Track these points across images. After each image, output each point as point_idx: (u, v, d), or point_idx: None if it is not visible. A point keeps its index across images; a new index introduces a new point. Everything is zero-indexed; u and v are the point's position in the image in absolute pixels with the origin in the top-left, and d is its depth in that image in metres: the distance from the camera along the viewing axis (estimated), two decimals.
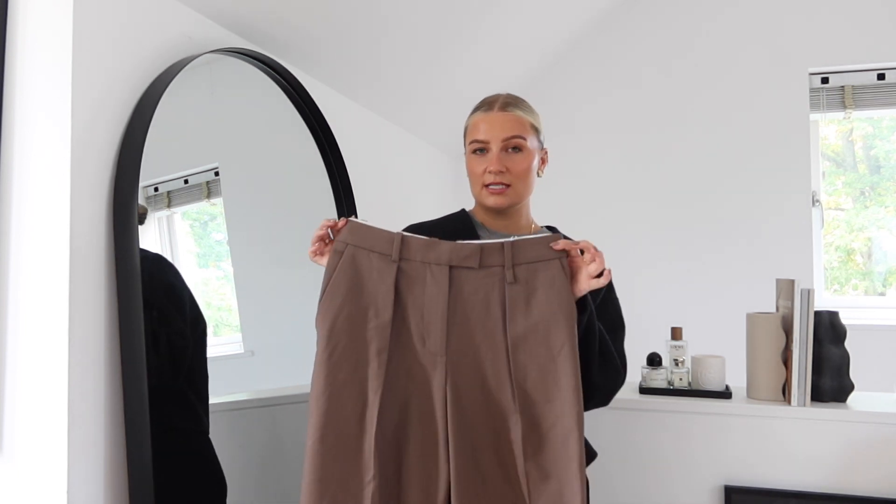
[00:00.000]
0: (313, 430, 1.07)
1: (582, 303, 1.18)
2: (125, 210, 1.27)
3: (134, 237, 1.27)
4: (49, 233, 1.20)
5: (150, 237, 1.62)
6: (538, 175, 1.37)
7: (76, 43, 1.22)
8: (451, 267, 1.13)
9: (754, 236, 2.87)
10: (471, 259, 1.13)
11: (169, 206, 1.63)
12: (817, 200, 2.89)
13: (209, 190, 1.71)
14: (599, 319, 1.27)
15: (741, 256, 2.89)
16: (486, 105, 1.34)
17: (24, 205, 1.23)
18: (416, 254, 1.14)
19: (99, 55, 1.27)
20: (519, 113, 1.32)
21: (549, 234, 1.18)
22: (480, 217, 1.40)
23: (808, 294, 1.61)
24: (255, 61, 1.68)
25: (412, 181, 2.80)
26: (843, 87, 2.85)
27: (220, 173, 1.72)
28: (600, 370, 1.24)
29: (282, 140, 1.90)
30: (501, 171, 1.29)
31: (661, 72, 3.04)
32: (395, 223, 2.48)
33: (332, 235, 1.18)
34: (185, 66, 1.41)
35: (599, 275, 1.14)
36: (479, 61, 2.69)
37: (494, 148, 1.30)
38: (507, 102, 1.33)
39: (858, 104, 2.84)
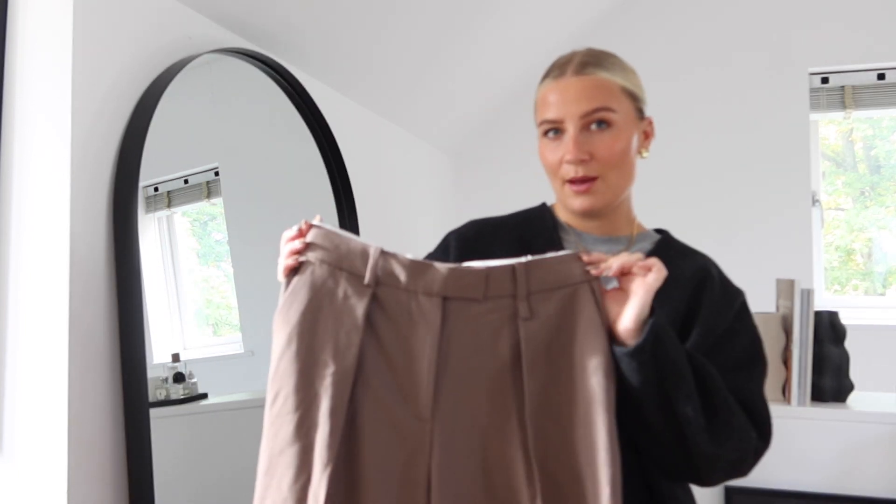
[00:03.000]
0: (255, 495, 0.82)
1: (646, 335, 0.81)
2: (125, 210, 1.27)
3: (134, 237, 1.27)
4: (49, 233, 1.20)
5: (150, 237, 1.63)
6: (640, 155, 1.03)
7: (76, 43, 1.21)
8: (444, 298, 0.82)
9: (754, 236, 2.87)
10: (473, 288, 0.82)
11: (169, 206, 1.64)
12: (817, 200, 2.89)
13: (209, 190, 1.71)
14: (718, 357, 0.91)
15: (741, 256, 2.88)
16: (557, 69, 0.98)
17: (24, 205, 1.23)
18: (400, 278, 0.83)
19: (99, 55, 1.27)
20: (603, 75, 0.96)
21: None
22: (564, 215, 1.05)
23: (808, 294, 1.61)
24: (255, 61, 1.68)
25: (412, 181, 2.80)
26: (843, 87, 2.84)
27: (220, 173, 1.72)
28: (707, 432, 0.83)
29: (281, 140, 1.90)
30: (584, 160, 0.94)
31: (660, 72, 3.04)
32: (395, 223, 2.49)
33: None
34: (185, 66, 1.41)
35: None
36: (479, 62, 2.69)
37: (571, 128, 0.94)
38: (585, 62, 0.96)
39: (858, 104, 2.83)
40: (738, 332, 0.95)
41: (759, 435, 0.90)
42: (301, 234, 0.86)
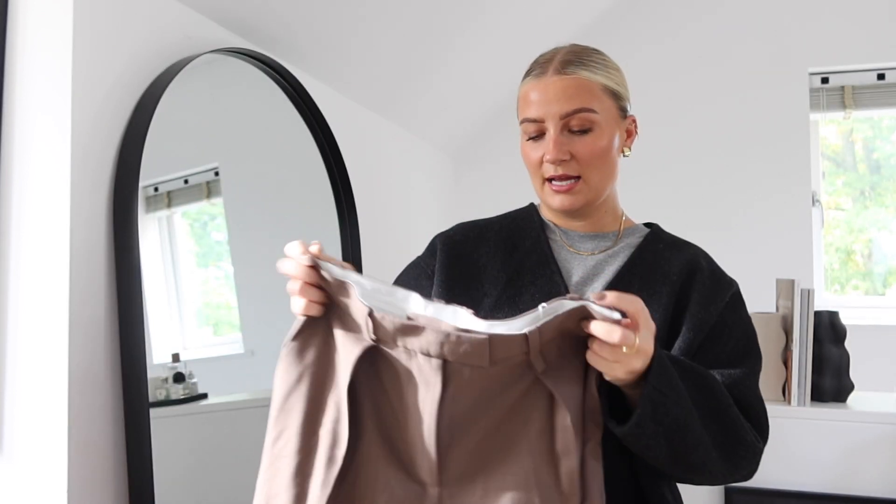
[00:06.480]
0: None
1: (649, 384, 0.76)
2: (125, 210, 1.27)
3: (134, 237, 1.27)
4: (49, 233, 1.20)
5: (150, 237, 1.63)
6: (623, 154, 1.01)
7: (76, 43, 1.21)
8: (445, 361, 0.73)
9: (754, 236, 2.87)
10: (476, 357, 0.73)
11: (169, 206, 1.64)
12: (817, 200, 2.89)
13: (209, 190, 1.71)
14: (710, 352, 0.91)
15: (741, 256, 2.88)
16: (539, 66, 0.98)
17: (24, 205, 1.23)
18: (393, 337, 0.75)
19: (99, 55, 1.27)
20: (585, 74, 0.94)
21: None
22: (549, 214, 1.05)
23: (808, 294, 1.61)
24: (255, 61, 1.68)
25: (413, 181, 2.80)
26: (843, 87, 2.84)
27: (220, 173, 1.72)
28: (722, 459, 0.83)
29: (282, 140, 1.90)
30: (564, 160, 0.94)
31: (660, 72, 3.04)
32: (395, 223, 2.49)
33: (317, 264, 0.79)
34: (185, 66, 1.41)
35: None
36: (479, 61, 2.69)
37: (551, 128, 0.94)
38: (567, 60, 0.95)
39: (858, 104, 2.83)
40: (730, 326, 0.93)
41: (757, 434, 0.89)
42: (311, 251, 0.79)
